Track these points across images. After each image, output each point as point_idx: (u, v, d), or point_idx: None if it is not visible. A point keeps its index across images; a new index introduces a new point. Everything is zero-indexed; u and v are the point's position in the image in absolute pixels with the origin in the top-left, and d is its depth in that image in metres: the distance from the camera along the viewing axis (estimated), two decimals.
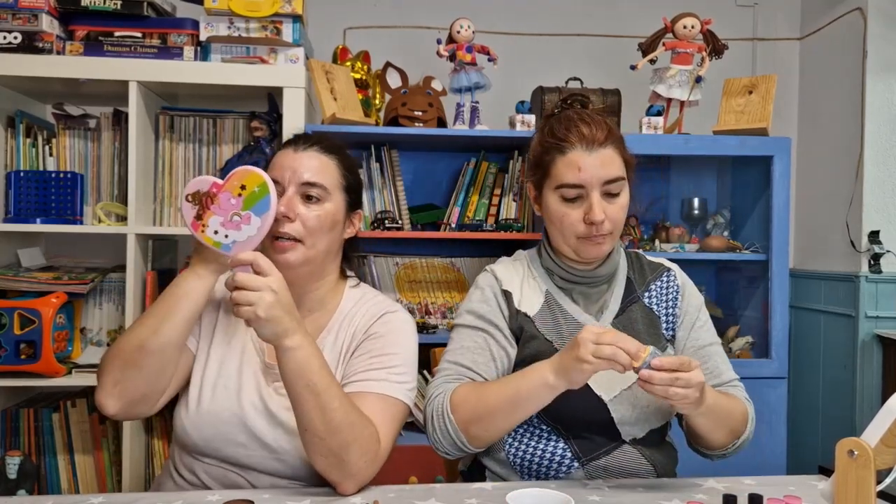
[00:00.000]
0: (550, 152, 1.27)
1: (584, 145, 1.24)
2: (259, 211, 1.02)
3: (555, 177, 1.26)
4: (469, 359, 1.27)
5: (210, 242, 1.03)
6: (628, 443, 1.26)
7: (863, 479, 0.89)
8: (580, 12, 2.96)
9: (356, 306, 1.27)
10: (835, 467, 0.92)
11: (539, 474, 1.25)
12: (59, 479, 2.16)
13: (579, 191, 1.24)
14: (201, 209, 1.03)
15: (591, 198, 1.24)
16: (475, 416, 1.18)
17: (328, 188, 1.21)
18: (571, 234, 1.26)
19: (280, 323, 1.02)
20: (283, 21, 2.12)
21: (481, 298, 1.33)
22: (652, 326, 1.33)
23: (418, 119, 2.36)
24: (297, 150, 1.23)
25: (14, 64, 2.03)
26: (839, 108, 2.85)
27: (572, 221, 1.25)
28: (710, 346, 1.35)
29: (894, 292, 2.69)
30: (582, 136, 1.24)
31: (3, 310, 1.98)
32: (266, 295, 1.00)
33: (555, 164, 1.26)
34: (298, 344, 1.04)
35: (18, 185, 2.11)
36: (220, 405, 1.17)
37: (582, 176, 1.23)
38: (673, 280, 1.39)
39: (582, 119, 1.26)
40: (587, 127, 1.25)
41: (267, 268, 1.02)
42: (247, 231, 1.02)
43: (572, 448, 1.24)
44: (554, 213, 1.27)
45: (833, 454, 0.90)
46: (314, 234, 1.19)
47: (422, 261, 2.64)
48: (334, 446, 1.05)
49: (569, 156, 1.24)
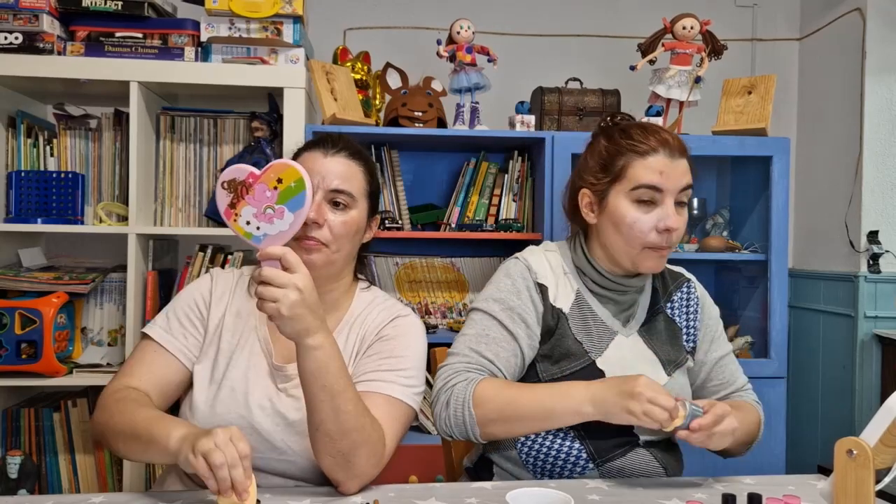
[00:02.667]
0: (626, 155, 1.26)
1: (668, 152, 1.24)
2: (294, 207, 1.00)
3: (631, 178, 1.25)
4: (492, 351, 1.26)
5: (241, 232, 1.01)
6: (641, 445, 1.27)
7: (862, 479, 0.89)
8: (580, 12, 2.97)
9: (367, 308, 1.28)
10: (834, 467, 0.92)
11: (553, 473, 1.26)
12: (60, 479, 2.17)
13: (656, 194, 1.24)
14: (236, 198, 1.01)
15: (666, 204, 1.24)
16: (500, 418, 1.18)
17: (355, 196, 1.22)
18: (640, 241, 1.25)
19: (303, 321, 1.00)
20: (283, 22, 2.12)
21: (512, 289, 1.29)
22: (674, 337, 1.36)
23: (418, 119, 2.36)
24: (327, 155, 1.23)
25: (15, 64, 2.03)
26: (838, 109, 2.86)
27: (644, 228, 1.24)
28: (727, 357, 1.41)
29: (893, 292, 2.70)
30: (665, 143, 1.25)
31: (3, 310, 1.99)
32: (291, 293, 0.99)
33: (632, 166, 1.25)
34: (320, 344, 1.03)
35: (19, 186, 2.12)
36: (227, 407, 1.17)
37: (663, 180, 1.23)
38: (693, 292, 1.41)
39: (660, 128, 1.28)
40: (668, 136, 1.26)
41: (295, 264, 1.00)
42: (279, 225, 1.00)
43: (588, 449, 1.25)
44: (625, 217, 1.25)
45: (832, 454, 0.91)
46: (339, 240, 1.20)
47: (422, 261, 2.65)
48: (344, 448, 1.05)
49: (650, 159, 1.24)
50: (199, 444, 0.94)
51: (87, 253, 2.40)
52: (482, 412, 1.19)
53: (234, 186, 1.01)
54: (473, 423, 1.19)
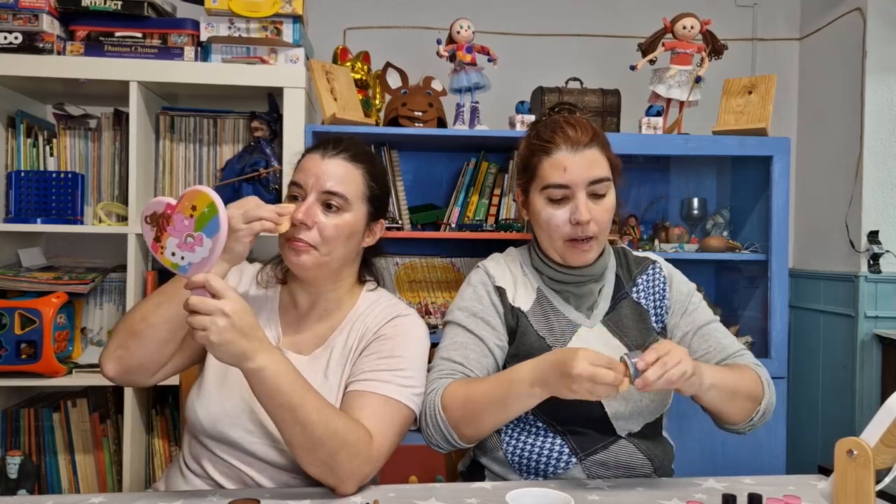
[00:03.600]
0: (537, 154, 1.29)
1: (570, 146, 1.26)
2: (210, 232, 0.99)
3: (541, 178, 1.28)
4: (461, 354, 1.28)
5: (168, 264, 1.01)
6: (624, 437, 1.27)
7: (862, 479, 0.89)
8: (580, 12, 2.97)
9: (369, 308, 1.28)
10: (834, 467, 0.92)
11: (538, 471, 1.26)
12: (60, 479, 2.17)
13: (565, 191, 1.25)
14: (159, 231, 1.01)
15: (576, 198, 1.25)
16: (464, 416, 1.19)
17: (350, 198, 1.21)
18: (558, 236, 1.28)
19: (236, 345, 0.99)
20: (283, 21, 2.12)
21: (473, 296, 1.34)
22: (641, 321, 1.34)
23: (418, 119, 2.36)
24: (325, 157, 1.23)
25: (14, 64, 2.03)
26: (838, 109, 2.85)
27: (558, 223, 1.26)
28: (708, 325, 1.36)
29: (893, 292, 2.70)
30: (567, 138, 1.26)
31: (3, 310, 1.99)
32: (218, 319, 0.97)
33: (541, 165, 1.28)
34: (262, 365, 1.02)
35: (19, 185, 2.12)
36: (231, 389, 1.19)
37: (567, 176, 1.25)
38: (659, 272, 1.39)
39: (567, 122, 1.29)
40: (572, 129, 1.27)
41: (221, 290, 0.99)
42: (200, 253, 0.99)
43: (569, 444, 1.25)
44: (540, 214, 1.29)
45: (832, 454, 0.91)
46: (329, 243, 1.20)
47: (422, 261, 2.65)
48: (322, 456, 1.06)
49: (554, 157, 1.26)
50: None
51: (87, 253, 2.40)
52: (450, 414, 1.20)
53: (156, 220, 1.01)
54: (447, 426, 1.20)
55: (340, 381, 1.21)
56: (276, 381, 1.03)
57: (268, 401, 1.04)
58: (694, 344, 1.35)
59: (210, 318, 0.97)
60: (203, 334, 0.98)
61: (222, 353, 1.00)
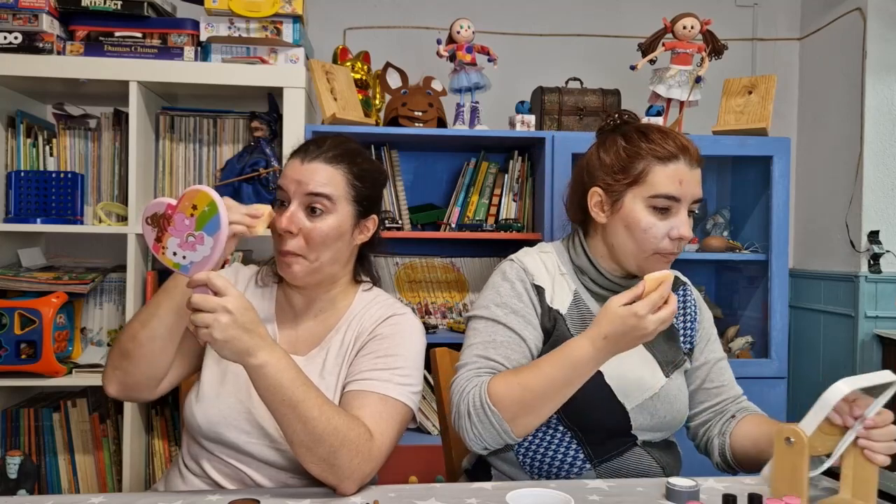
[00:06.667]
0: (647, 159, 1.24)
1: (687, 160, 1.24)
2: (210, 231, 1.00)
3: (651, 185, 1.23)
4: (502, 354, 1.23)
5: (170, 263, 1.02)
6: (639, 445, 1.27)
7: (797, 465, 0.96)
8: (580, 12, 2.97)
9: (365, 308, 1.28)
10: (773, 452, 0.99)
11: (550, 474, 1.25)
12: (60, 479, 2.16)
13: (672, 203, 1.23)
14: (160, 231, 1.02)
15: (681, 213, 1.24)
16: (522, 407, 1.15)
17: (333, 199, 1.20)
18: (651, 247, 1.24)
19: (239, 342, 1.00)
20: (283, 21, 2.12)
21: (513, 293, 1.28)
22: (671, 338, 1.35)
23: (418, 119, 2.36)
24: (304, 161, 1.21)
25: (14, 64, 2.03)
26: (839, 109, 2.85)
27: (657, 234, 1.23)
28: (723, 361, 1.40)
29: (894, 292, 2.70)
30: (686, 150, 1.24)
31: (3, 310, 1.99)
32: (221, 316, 0.98)
33: (653, 172, 1.23)
34: (264, 361, 1.02)
35: (19, 185, 2.11)
36: (228, 390, 1.20)
37: (682, 190, 1.23)
38: (690, 295, 1.41)
39: (681, 135, 1.27)
40: (687, 142, 1.25)
41: (222, 287, 1.00)
42: (201, 251, 1.00)
43: (585, 450, 1.25)
44: (640, 222, 1.23)
45: None
46: (316, 249, 1.20)
47: (422, 261, 2.65)
48: (322, 454, 1.05)
49: (671, 167, 1.23)
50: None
51: (87, 253, 2.40)
52: (504, 407, 1.15)
53: (157, 220, 1.02)
54: (501, 421, 1.15)
55: (337, 381, 1.21)
56: (277, 378, 1.03)
57: (269, 397, 1.04)
58: (712, 374, 1.38)
59: (213, 315, 0.98)
60: (206, 332, 0.98)
61: (226, 349, 1.00)
